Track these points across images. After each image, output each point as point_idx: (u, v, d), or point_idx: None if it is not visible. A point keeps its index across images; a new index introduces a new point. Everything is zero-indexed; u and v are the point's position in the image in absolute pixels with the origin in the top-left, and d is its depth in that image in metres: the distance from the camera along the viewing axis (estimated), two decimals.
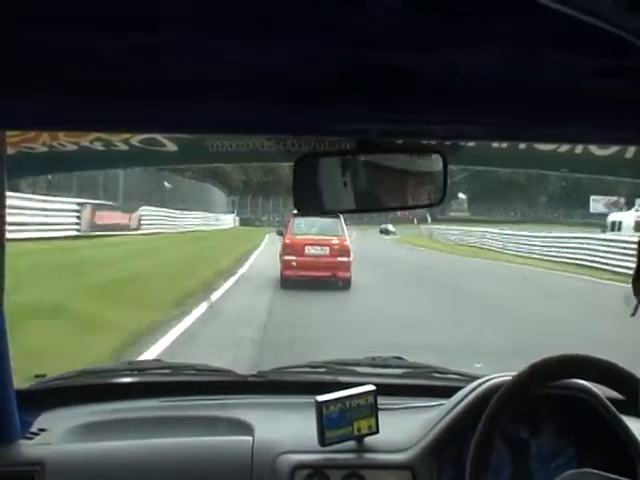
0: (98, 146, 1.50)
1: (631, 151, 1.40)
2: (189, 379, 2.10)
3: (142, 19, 0.90)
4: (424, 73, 1.01)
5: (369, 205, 1.33)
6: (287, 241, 15.46)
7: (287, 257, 14.96)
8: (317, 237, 15.56)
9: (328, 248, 15.27)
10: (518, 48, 0.91)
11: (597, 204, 46.70)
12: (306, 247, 15.19)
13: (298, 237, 15.44)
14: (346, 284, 14.53)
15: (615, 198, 43.59)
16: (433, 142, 1.33)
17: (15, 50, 0.97)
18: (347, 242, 15.47)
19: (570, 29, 0.74)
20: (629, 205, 32.60)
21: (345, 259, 14.98)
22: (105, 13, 0.89)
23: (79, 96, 1.07)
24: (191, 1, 0.89)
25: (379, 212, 1.35)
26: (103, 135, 1.47)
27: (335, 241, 15.45)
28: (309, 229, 15.83)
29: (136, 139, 1.48)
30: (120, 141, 1.49)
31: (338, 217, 15.17)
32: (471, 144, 1.38)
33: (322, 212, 1.40)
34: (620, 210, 33.63)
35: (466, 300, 12.83)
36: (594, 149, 1.40)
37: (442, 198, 1.31)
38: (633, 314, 0.99)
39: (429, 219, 55.96)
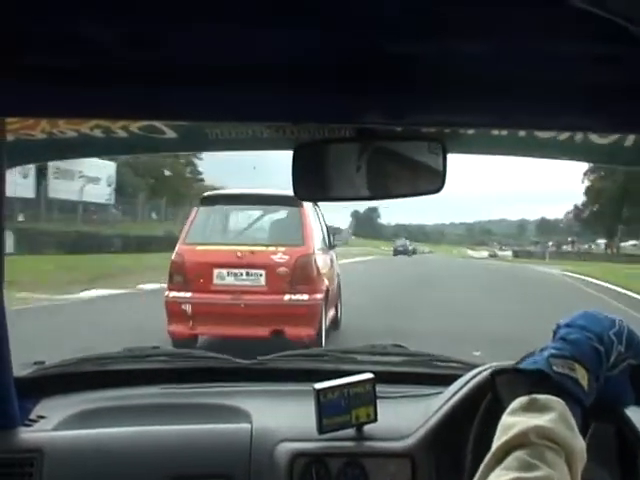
0: (98, 133, 1.50)
1: (630, 139, 1.39)
2: (188, 366, 2.11)
3: (140, 5, 0.90)
4: (423, 61, 1.01)
5: (369, 193, 1.34)
6: (175, 258, 7.62)
7: (174, 294, 7.47)
8: (240, 248, 7.48)
9: (263, 273, 7.30)
10: (515, 36, 0.91)
11: None
12: (215, 271, 7.40)
13: (199, 249, 7.58)
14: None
15: None
16: (432, 130, 1.33)
17: (14, 36, 0.97)
18: (312, 258, 7.40)
19: (566, 16, 0.74)
20: None
21: (304, 297, 7.20)
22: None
23: (78, 83, 1.07)
24: None
25: (378, 200, 1.36)
26: (102, 122, 1.47)
27: (279, 257, 7.34)
28: (228, 232, 8.13)
29: (135, 126, 1.48)
30: (119, 128, 1.49)
31: (300, 205, 7.35)
32: (470, 132, 1.38)
33: (321, 199, 1.40)
34: None
35: None
36: (594, 137, 1.40)
37: (441, 186, 1.32)
38: None
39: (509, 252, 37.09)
